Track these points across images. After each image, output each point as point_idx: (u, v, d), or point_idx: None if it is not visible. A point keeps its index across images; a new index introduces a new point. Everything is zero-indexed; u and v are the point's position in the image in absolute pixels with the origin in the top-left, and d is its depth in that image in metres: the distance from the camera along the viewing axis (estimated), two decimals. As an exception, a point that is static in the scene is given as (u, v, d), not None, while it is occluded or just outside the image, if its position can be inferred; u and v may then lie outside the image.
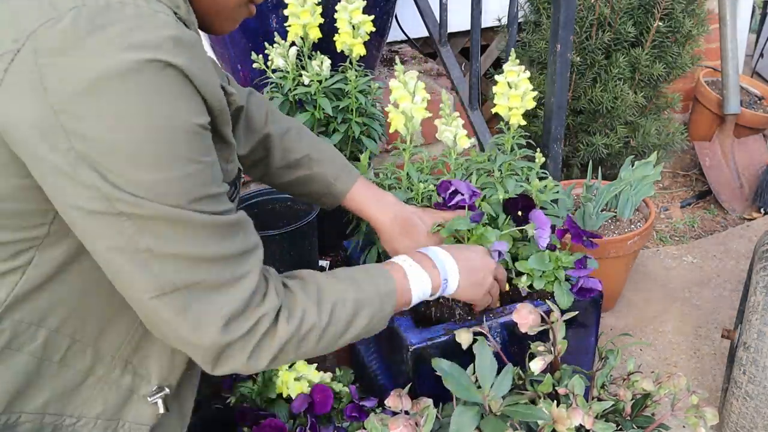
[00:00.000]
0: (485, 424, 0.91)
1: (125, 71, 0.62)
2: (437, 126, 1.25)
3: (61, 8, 0.62)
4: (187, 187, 0.68)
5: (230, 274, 0.73)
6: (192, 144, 0.67)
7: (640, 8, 2.14)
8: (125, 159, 0.64)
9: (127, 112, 0.63)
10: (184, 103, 0.66)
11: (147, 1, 0.66)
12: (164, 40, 0.64)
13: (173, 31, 0.65)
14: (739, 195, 2.49)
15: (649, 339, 1.80)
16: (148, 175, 0.65)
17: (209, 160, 0.70)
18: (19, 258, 0.72)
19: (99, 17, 0.62)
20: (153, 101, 0.64)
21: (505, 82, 1.26)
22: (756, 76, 3.17)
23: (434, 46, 2.22)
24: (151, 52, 0.63)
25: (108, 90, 0.62)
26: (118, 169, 0.64)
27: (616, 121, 2.23)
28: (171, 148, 0.66)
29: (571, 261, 1.15)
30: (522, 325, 1.01)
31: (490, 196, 1.25)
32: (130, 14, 0.63)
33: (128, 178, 0.65)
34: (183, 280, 0.70)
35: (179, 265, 0.69)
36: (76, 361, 0.79)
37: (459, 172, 1.28)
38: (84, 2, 0.63)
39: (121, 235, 0.67)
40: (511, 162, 1.31)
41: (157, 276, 0.69)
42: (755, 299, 1.32)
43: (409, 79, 1.18)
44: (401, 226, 1.12)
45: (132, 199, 0.65)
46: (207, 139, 0.70)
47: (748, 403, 1.31)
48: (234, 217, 0.74)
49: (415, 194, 1.24)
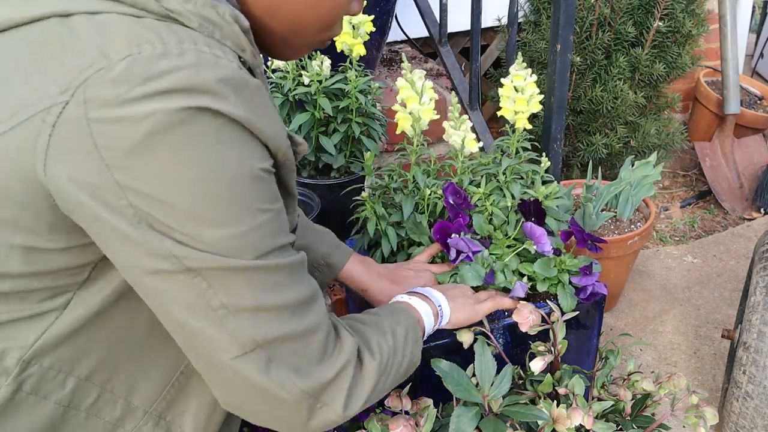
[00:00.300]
0: (485, 424, 0.91)
1: (178, 121, 0.57)
2: (444, 128, 1.24)
3: (113, 56, 0.57)
4: (256, 239, 0.63)
5: (307, 321, 0.69)
6: (257, 191, 0.63)
7: (640, 8, 2.14)
8: (187, 216, 0.60)
9: (184, 166, 0.59)
10: (244, 149, 0.62)
11: (210, 46, 0.61)
12: (225, 87, 0.59)
13: (234, 76, 0.61)
14: (739, 195, 2.49)
15: (649, 339, 1.80)
16: (215, 231, 0.61)
17: (278, 207, 0.67)
18: (53, 301, 0.68)
19: (155, 65, 0.57)
20: (211, 152, 0.59)
21: (511, 86, 1.25)
22: (756, 76, 3.17)
23: (434, 46, 2.22)
24: (206, 100, 0.58)
25: (162, 144, 0.57)
26: (180, 226, 0.60)
27: (616, 121, 2.23)
28: (235, 200, 0.61)
29: (575, 265, 1.15)
30: (522, 324, 1.02)
31: (498, 202, 1.25)
32: (190, 61, 0.58)
33: (193, 235, 0.61)
34: (262, 334, 0.66)
35: (257, 320, 0.65)
36: (105, 413, 0.74)
37: (466, 175, 1.28)
38: (140, 49, 0.58)
39: (191, 292, 0.63)
40: (515, 166, 1.31)
41: (235, 334, 0.65)
42: (755, 299, 1.32)
43: (416, 78, 1.17)
44: (391, 279, 1.13)
45: (199, 255, 0.61)
46: (273, 185, 0.66)
47: (748, 403, 1.31)
48: (300, 256, 0.71)
49: (421, 199, 1.24)
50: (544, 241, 1.12)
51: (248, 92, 0.62)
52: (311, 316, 0.70)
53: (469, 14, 1.86)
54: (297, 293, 0.68)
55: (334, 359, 0.71)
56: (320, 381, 0.70)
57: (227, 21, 0.64)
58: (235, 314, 0.64)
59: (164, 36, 0.59)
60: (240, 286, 0.64)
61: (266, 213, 0.64)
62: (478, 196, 1.24)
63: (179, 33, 0.60)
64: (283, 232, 0.67)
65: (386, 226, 1.23)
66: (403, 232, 1.24)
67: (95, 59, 0.57)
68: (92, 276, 0.67)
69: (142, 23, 0.60)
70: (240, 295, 0.64)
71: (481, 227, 1.21)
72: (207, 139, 0.59)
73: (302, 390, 0.68)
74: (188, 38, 0.60)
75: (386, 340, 0.80)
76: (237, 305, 0.64)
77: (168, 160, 0.58)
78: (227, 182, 0.61)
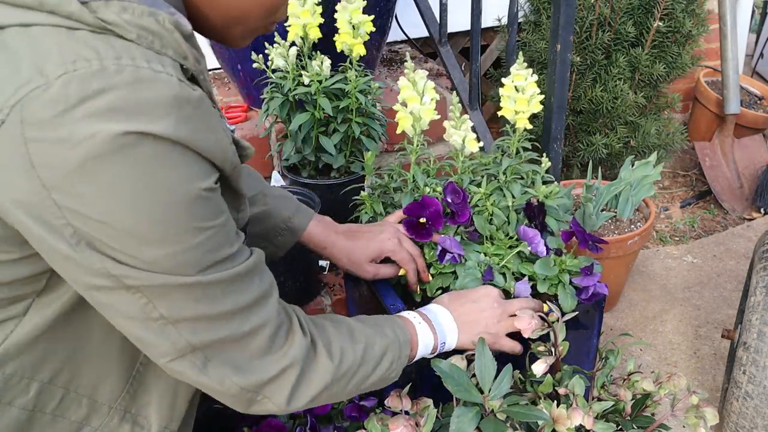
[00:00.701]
0: (485, 424, 0.91)
1: (119, 147, 0.56)
2: (445, 128, 1.24)
3: (49, 74, 0.55)
4: (198, 256, 0.64)
5: (249, 324, 0.70)
6: (198, 211, 0.63)
7: (640, 8, 2.14)
8: (128, 237, 0.60)
9: (125, 189, 0.58)
10: (186, 170, 0.61)
11: (149, 60, 0.59)
12: (164, 107, 0.58)
13: (174, 94, 0.59)
14: (739, 195, 2.49)
15: (649, 339, 1.80)
16: (155, 251, 0.61)
17: (221, 222, 0.66)
18: (12, 309, 0.68)
19: (92, 84, 0.55)
20: (151, 175, 0.58)
21: (512, 86, 1.25)
22: (756, 76, 3.17)
23: (434, 46, 2.22)
24: (145, 123, 0.57)
25: (102, 167, 0.56)
26: (121, 247, 0.60)
27: (616, 121, 2.23)
28: (176, 221, 0.61)
29: (575, 265, 1.15)
30: (525, 331, 1.01)
31: (498, 201, 1.25)
32: (127, 79, 0.57)
33: (133, 255, 0.61)
34: (201, 340, 0.67)
35: (196, 327, 0.67)
36: (71, 412, 0.75)
37: (466, 175, 1.28)
38: (75, 67, 0.56)
39: (132, 306, 0.64)
40: (516, 166, 1.31)
41: (174, 341, 0.67)
42: (755, 299, 1.32)
43: (418, 78, 1.17)
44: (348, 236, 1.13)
45: (140, 274, 0.62)
46: (216, 201, 0.66)
47: (748, 403, 1.31)
48: (249, 263, 0.70)
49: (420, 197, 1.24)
50: (538, 241, 1.14)
51: (190, 108, 0.60)
52: (256, 316, 0.71)
53: (469, 14, 1.86)
54: (240, 300, 0.69)
55: (280, 356, 0.72)
56: (261, 378, 0.71)
57: (167, 29, 0.62)
58: (174, 324, 0.66)
59: (101, 51, 0.57)
60: (180, 300, 0.65)
61: (208, 230, 0.64)
62: (479, 196, 1.24)
63: (116, 47, 0.58)
64: (227, 244, 0.67)
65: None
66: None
67: (31, 77, 0.55)
68: (49, 284, 0.68)
69: (78, 37, 0.57)
70: (179, 307, 0.65)
71: (482, 227, 1.21)
72: (148, 163, 0.58)
73: (240, 387, 0.70)
74: (126, 53, 0.58)
75: (354, 348, 0.80)
76: (176, 316, 0.66)
77: (107, 183, 0.57)
78: (168, 205, 0.60)
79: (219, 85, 2.24)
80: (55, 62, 0.56)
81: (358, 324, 0.85)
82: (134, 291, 0.63)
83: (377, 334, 0.85)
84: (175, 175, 0.60)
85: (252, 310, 0.70)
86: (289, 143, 1.60)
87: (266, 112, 1.57)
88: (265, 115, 1.58)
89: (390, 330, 0.88)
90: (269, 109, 1.55)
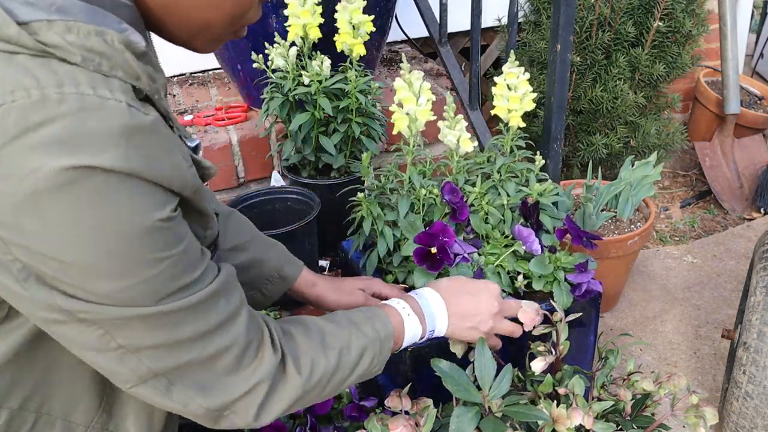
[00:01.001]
0: (485, 424, 0.91)
1: (64, 182, 0.53)
2: (440, 128, 1.25)
3: None
4: (156, 287, 0.61)
5: (214, 347, 0.67)
6: (154, 243, 0.59)
7: (640, 8, 2.14)
8: (79, 271, 0.57)
9: (73, 224, 0.55)
10: (139, 202, 0.57)
11: (94, 86, 0.55)
12: (111, 137, 0.54)
13: (123, 123, 0.55)
14: (739, 195, 2.49)
15: (649, 339, 1.80)
16: (109, 284, 0.58)
17: (180, 250, 0.62)
18: None
19: (32, 115, 0.52)
20: (101, 209, 0.55)
21: (504, 84, 1.26)
22: (756, 76, 3.17)
23: (434, 46, 2.22)
24: (92, 156, 0.53)
25: (47, 203, 0.53)
26: (72, 281, 0.57)
27: (616, 121, 2.23)
28: (130, 255, 0.58)
29: (570, 262, 1.15)
30: (527, 324, 1.01)
31: (493, 200, 1.25)
32: (71, 108, 0.53)
33: (86, 289, 0.58)
34: (163, 366, 0.65)
35: (157, 354, 0.64)
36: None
37: (461, 175, 1.28)
38: (13, 97, 0.52)
39: (89, 337, 0.62)
40: (510, 164, 1.31)
41: (134, 368, 0.64)
42: (755, 299, 1.32)
43: (414, 79, 1.17)
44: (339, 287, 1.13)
45: (93, 308, 0.59)
46: (174, 229, 0.62)
47: (748, 403, 1.31)
48: (214, 285, 0.67)
49: (416, 199, 1.24)
50: (532, 240, 1.15)
51: (141, 136, 0.57)
52: (221, 338, 0.68)
53: (469, 14, 1.86)
54: (202, 325, 0.66)
55: (248, 373, 0.70)
56: (228, 398, 0.70)
57: (117, 49, 0.58)
58: (134, 353, 0.64)
59: (41, 79, 0.53)
60: (138, 329, 0.62)
61: (165, 261, 0.61)
62: (474, 195, 1.24)
63: (59, 73, 0.54)
64: (188, 270, 0.64)
65: (383, 226, 1.23)
66: (398, 231, 1.24)
67: None
68: (11, 312, 0.65)
69: (17, 62, 0.53)
70: (138, 337, 0.63)
71: (478, 226, 1.21)
72: (97, 198, 0.55)
73: (206, 408, 0.69)
74: (69, 79, 0.54)
75: (327, 356, 0.78)
76: (136, 345, 0.63)
77: (54, 219, 0.54)
78: (120, 238, 0.57)
79: (219, 85, 2.24)
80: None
81: (332, 326, 0.83)
82: (89, 324, 0.61)
83: (353, 335, 0.83)
84: (127, 208, 0.57)
85: (216, 333, 0.68)
86: (289, 143, 1.60)
87: (266, 112, 1.57)
88: (265, 115, 1.58)
89: (370, 328, 0.86)
90: (269, 109, 1.55)
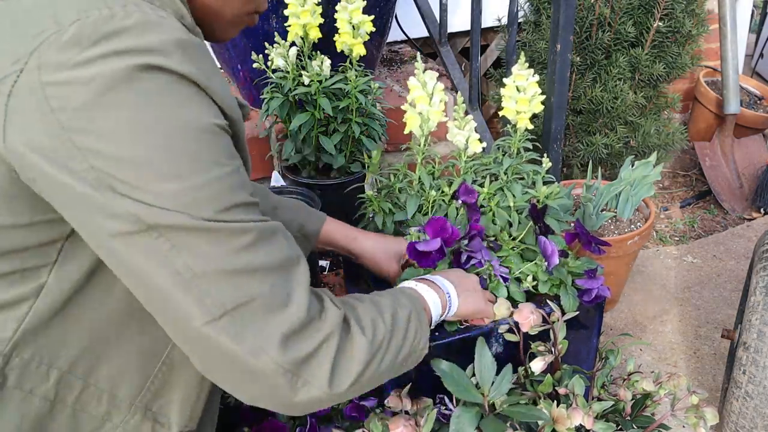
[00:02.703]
0: (485, 424, 0.91)
1: (132, 79, 0.59)
2: (449, 128, 1.24)
3: (63, 22, 0.59)
4: (215, 193, 0.63)
5: (280, 286, 0.67)
6: (212, 145, 0.64)
7: (640, 8, 2.14)
8: (145, 171, 0.60)
9: (139, 121, 0.60)
10: (197, 103, 0.63)
11: (153, 9, 0.63)
12: (172, 45, 0.62)
13: (181, 36, 0.63)
14: (739, 195, 2.49)
15: (649, 339, 1.80)
16: (171, 184, 0.61)
17: (235, 164, 0.66)
18: (26, 285, 0.68)
19: (104, 27, 0.59)
20: (164, 107, 0.61)
21: (513, 86, 1.25)
22: (756, 76, 3.18)
23: (434, 46, 2.22)
24: (157, 58, 0.60)
25: (116, 101, 0.59)
26: (139, 182, 0.60)
27: (616, 121, 2.23)
28: (190, 152, 0.62)
29: (578, 266, 1.15)
30: (523, 324, 1.01)
31: (500, 202, 1.25)
32: (136, 22, 0.61)
33: (152, 190, 0.61)
34: (231, 299, 0.64)
35: (224, 283, 0.64)
36: (91, 407, 0.74)
37: (468, 175, 1.28)
38: (87, 14, 0.60)
39: (155, 254, 0.62)
40: (517, 166, 1.31)
41: (203, 299, 0.63)
42: (755, 299, 1.32)
43: (428, 79, 1.16)
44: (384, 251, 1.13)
45: (160, 213, 0.61)
46: (228, 142, 0.67)
47: (748, 403, 1.31)
48: (272, 223, 0.69)
49: (426, 200, 1.24)
50: (555, 260, 1.11)
51: (195, 51, 0.64)
52: (287, 282, 0.68)
53: (469, 14, 1.86)
54: (268, 257, 0.66)
55: (314, 330, 0.68)
56: (297, 354, 0.66)
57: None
58: (201, 276, 0.63)
59: (109, 1, 0.61)
60: (204, 247, 0.63)
61: (224, 167, 0.64)
62: (483, 196, 1.24)
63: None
64: (244, 190, 0.66)
65: (391, 223, 1.24)
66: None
67: (47, 26, 0.60)
68: (61, 256, 0.68)
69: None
70: (204, 255, 0.63)
71: (487, 228, 1.21)
72: (157, 93, 0.61)
73: (276, 363, 0.65)
74: (132, 2, 0.62)
75: (383, 319, 0.77)
76: (202, 268, 0.63)
77: (121, 115, 0.59)
78: (181, 134, 0.62)
79: (219, 85, 2.23)
80: (69, 12, 0.60)
81: (378, 297, 0.83)
82: (157, 235, 0.61)
83: (396, 304, 0.83)
84: (187, 107, 0.62)
85: (282, 271, 0.68)
86: (289, 143, 1.60)
87: (266, 112, 1.57)
88: (265, 115, 1.58)
89: (405, 299, 0.86)
90: (269, 109, 1.55)
